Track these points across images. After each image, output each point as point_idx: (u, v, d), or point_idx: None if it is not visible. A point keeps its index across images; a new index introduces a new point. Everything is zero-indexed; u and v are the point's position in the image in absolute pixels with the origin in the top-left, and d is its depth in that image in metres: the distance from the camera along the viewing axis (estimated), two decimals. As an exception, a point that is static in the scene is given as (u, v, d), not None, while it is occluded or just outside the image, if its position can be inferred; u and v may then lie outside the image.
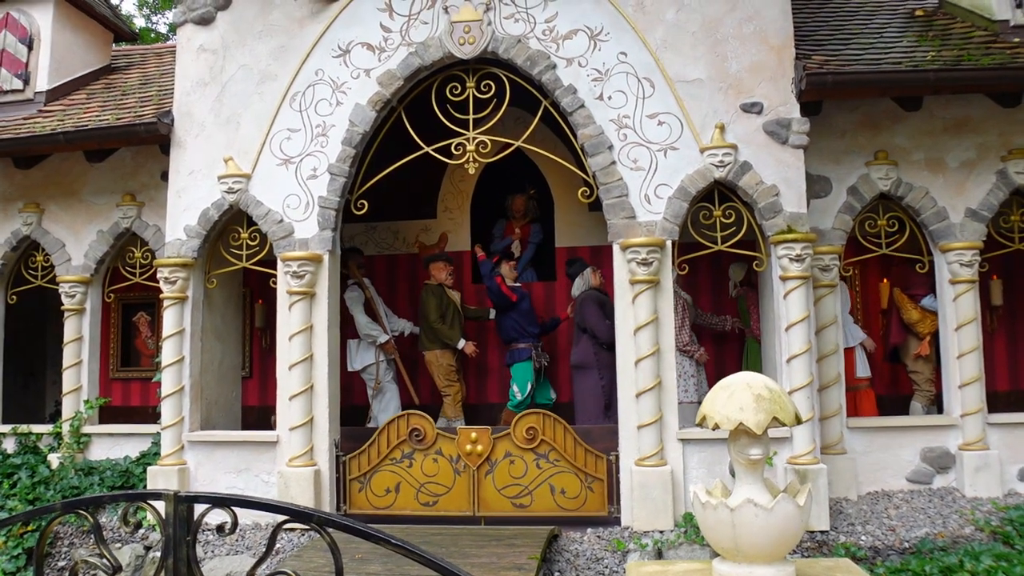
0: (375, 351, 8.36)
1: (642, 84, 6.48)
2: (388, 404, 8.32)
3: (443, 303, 8.22)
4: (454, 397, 8.14)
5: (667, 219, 6.36)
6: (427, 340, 8.22)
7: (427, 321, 8.17)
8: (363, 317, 8.30)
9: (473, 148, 6.72)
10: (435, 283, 8.31)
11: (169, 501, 2.69)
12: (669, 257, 6.36)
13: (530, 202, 9.43)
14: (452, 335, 8.13)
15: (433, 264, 8.41)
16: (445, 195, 9.52)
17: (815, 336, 6.47)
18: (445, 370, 8.16)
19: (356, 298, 8.37)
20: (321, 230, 6.81)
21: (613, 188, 6.43)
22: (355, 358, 8.44)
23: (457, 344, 8.15)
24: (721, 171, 6.33)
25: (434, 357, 8.19)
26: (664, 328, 6.31)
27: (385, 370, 8.41)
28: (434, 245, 9.34)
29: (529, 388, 8.04)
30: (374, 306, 8.49)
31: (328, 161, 6.84)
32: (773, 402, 2.80)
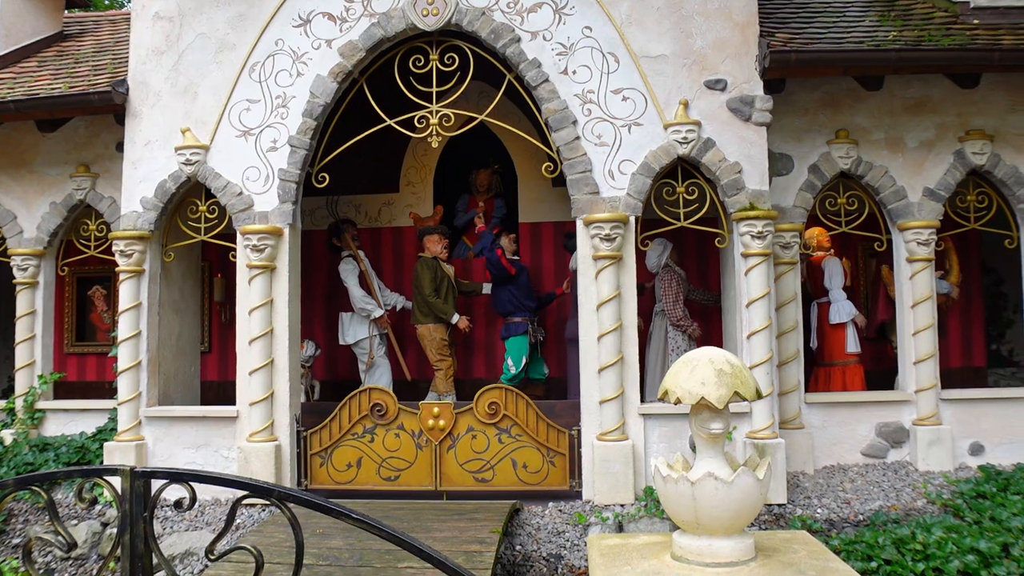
0: (368, 325, 8.30)
1: (607, 59, 6.46)
2: (380, 379, 8.26)
3: (437, 277, 8.11)
4: (446, 372, 8.05)
5: (631, 195, 6.37)
6: (420, 314, 8.11)
7: (421, 295, 8.05)
8: (358, 290, 8.23)
9: (436, 121, 6.66)
10: (429, 256, 8.18)
11: (125, 476, 2.65)
12: (633, 233, 6.37)
13: (494, 177, 9.39)
14: (446, 309, 8.03)
15: (428, 237, 8.27)
16: (408, 169, 9.45)
17: (775, 312, 6.55)
18: (438, 344, 8.05)
19: (351, 270, 8.29)
20: (281, 203, 6.73)
21: (577, 163, 6.42)
22: (347, 331, 8.38)
23: (451, 318, 8.06)
24: (685, 148, 6.35)
25: (427, 331, 8.08)
26: (626, 304, 6.34)
27: (378, 344, 8.35)
28: (429, 218, 9.22)
29: (523, 362, 7.99)
30: (368, 279, 8.41)
31: (288, 133, 6.75)
32: (735, 377, 2.83)
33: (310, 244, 8.59)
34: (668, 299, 7.66)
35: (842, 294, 7.73)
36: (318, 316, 9.33)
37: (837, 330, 7.66)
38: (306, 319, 9.24)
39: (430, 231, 8.34)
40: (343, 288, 8.40)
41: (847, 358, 7.64)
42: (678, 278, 7.63)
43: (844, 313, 7.65)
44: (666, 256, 7.75)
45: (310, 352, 8.52)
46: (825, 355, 7.77)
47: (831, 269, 7.79)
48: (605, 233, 6.27)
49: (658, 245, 7.83)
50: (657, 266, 7.94)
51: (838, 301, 7.68)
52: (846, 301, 7.72)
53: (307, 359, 8.50)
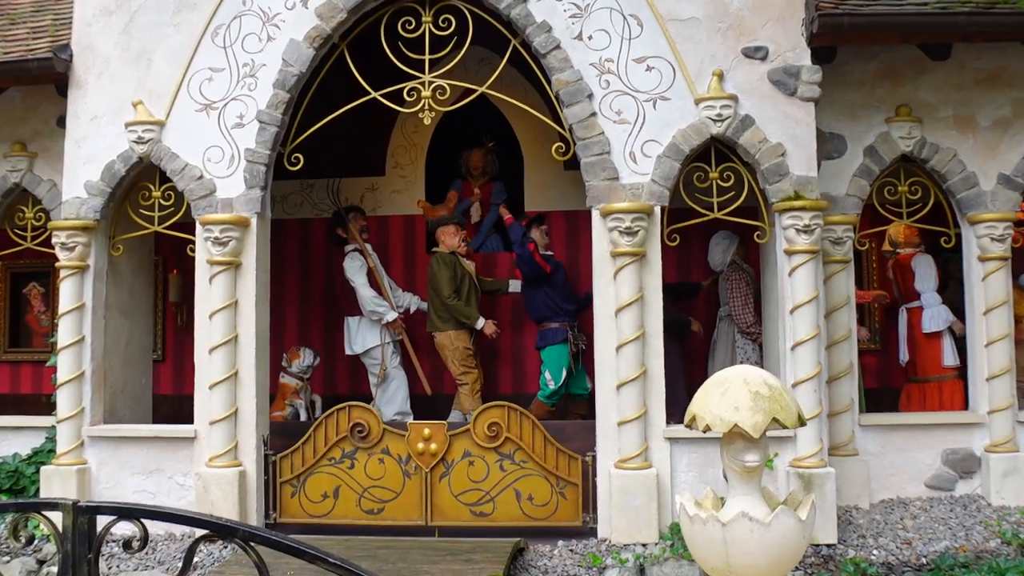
0: (380, 331, 8.28)
1: (628, 22, 6.48)
2: (395, 394, 8.28)
3: (457, 275, 8.08)
4: (472, 386, 8.00)
5: (656, 181, 6.39)
6: (438, 319, 8.08)
7: (439, 297, 8.03)
8: (368, 290, 8.20)
9: (429, 94, 6.68)
10: (446, 251, 8.17)
11: (67, 512, 2.67)
12: (657, 226, 6.39)
13: (488, 157, 9.38)
14: (469, 313, 8.01)
15: (442, 229, 8.25)
16: (395, 149, 9.48)
17: (824, 320, 6.56)
18: (461, 354, 8.03)
19: (358, 267, 8.27)
20: (248, 188, 6.76)
21: (593, 144, 6.44)
22: (355, 338, 8.38)
23: (475, 323, 8.02)
24: (719, 126, 6.36)
25: (447, 339, 8.05)
26: (650, 308, 6.35)
27: (392, 353, 8.33)
28: (441, 205, 9.21)
29: (564, 375, 7.91)
30: (377, 277, 8.39)
31: (257, 107, 6.77)
32: (773, 401, 2.84)
33: (281, 236, 8.62)
34: (736, 302, 7.67)
35: (936, 297, 7.64)
36: (316, 320, 9.41)
37: (931, 340, 7.60)
38: (302, 323, 9.38)
39: (444, 221, 8.32)
40: (345, 287, 8.41)
41: (944, 372, 7.56)
42: (747, 277, 7.65)
43: (940, 320, 7.56)
44: (732, 252, 7.73)
45: (308, 361, 8.55)
46: (918, 370, 7.71)
47: (923, 268, 7.71)
48: (625, 226, 6.28)
49: (723, 239, 7.85)
50: (722, 263, 7.97)
51: (932, 306, 7.59)
52: (941, 306, 7.61)
53: (305, 369, 8.54)
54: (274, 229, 7.20)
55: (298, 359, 8.51)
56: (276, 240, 7.33)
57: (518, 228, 8.23)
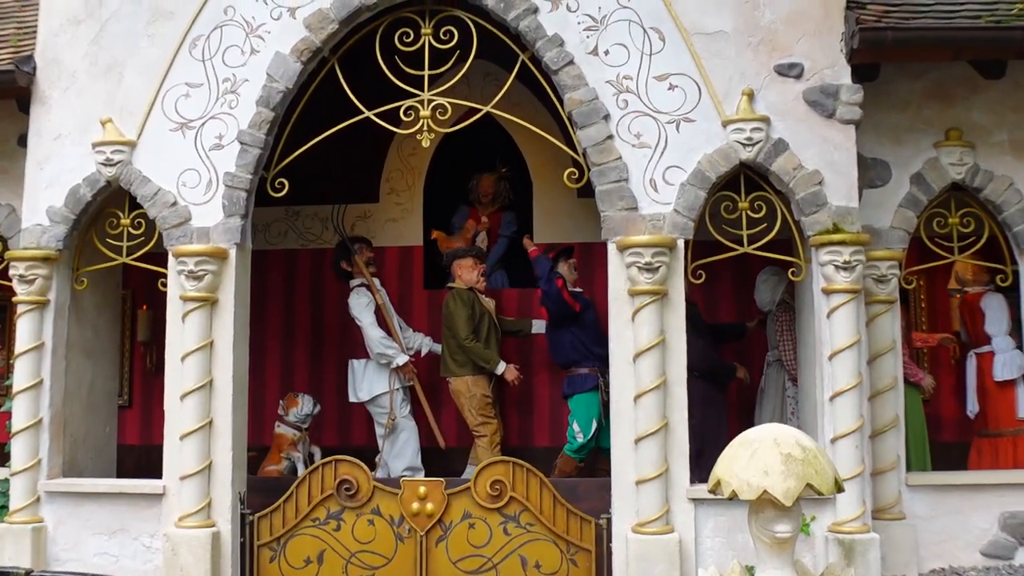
0: (389, 376, 8.28)
1: (649, 36, 6.52)
2: (404, 447, 8.26)
3: (476, 314, 8.10)
4: (491, 438, 7.97)
5: (679, 212, 6.40)
6: (454, 364, 8.09)
7: (455, 338, 8.05)
8: (376, 330, 8.21)
9: (428, 113, 6.71)
10: (463, 287, 8.20)
11: (18, 580, 2.66)
12: (680, 261, 6.40)
13: (501, 183, 9.44)
14: (489, 356, 8.02)
15: (459, 262, 8.30)
16: (391, 173, 9.52)
17: (867, 367, 6.54)
18: (479, 403, 8.01)
19: (365, 305, 8.29)
20: (227, 216, 6.78)
21: (609, 170, 6.46)
22: (361, 384, 8.39)
23: (496, 368, 8.02)
24: (749, 151, 6.38)
25: (464, 386, 8.04)
26: (673, 353, 6.35)
27: (402, 401, 8.34)
28: (457, 236, 9.25)
29: (594, 427, 7.86)
30: (386, 315, 8.41)
31: (238, 126, 6.81)
32: (807, 464, 2.82)
33: (263, 269, 8.63)
34: (786, 345, 7.66)
35: (1009, 342, 7.61)
36: (301, 363, 9.41)
37: (1004, 389, 7.56)
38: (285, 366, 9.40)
39: (462, 254, 8.37)
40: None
41: (1019, 425, 7.50)
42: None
43: (1013, 367, 7.53)
44: (782, 290, 7.72)
45: (308, 409, 8.52)
46: (989, 422, 7.66)
47: (994, 310, 7.68)
48: (645, 261, 6.28)
49: (771, 275, 7.85)
50: (771, 302, 7.96)
51: (1004, 351, 7.56)
52: (1015, 351, 7.58)
53: (304, 418, 8.52)
54: (255, 261, 7.22)
55: (296, 407, 8.49)
56: (257, 273, 7.34)
57: (544, 262, 8.21)
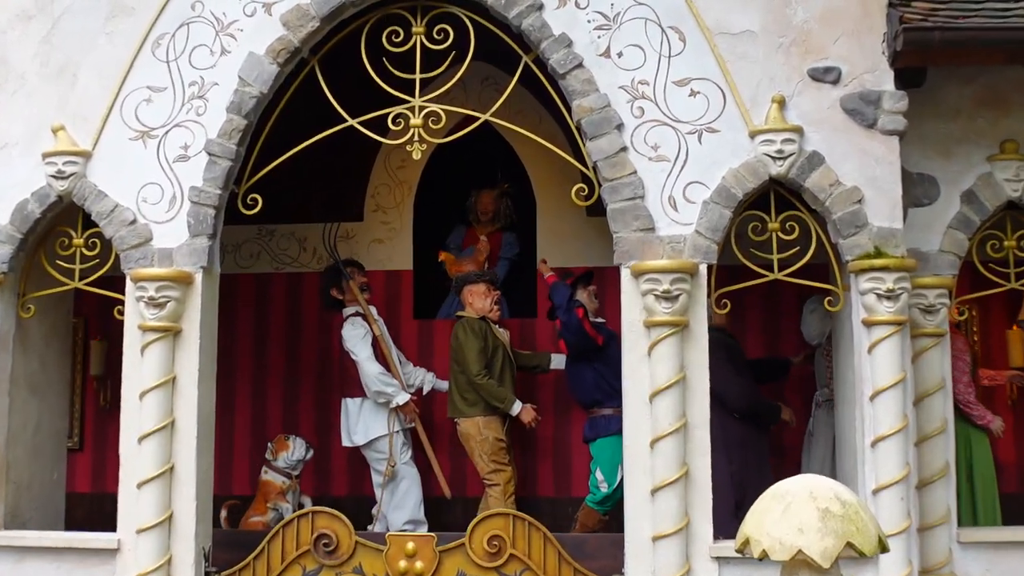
0: (388, 417, 8.26)
1: (667, 36, 6.52)
2: (405, 498, 8.24)
3: (488, 347, 8.10)
4: (504, 487, 7.94)
5: (701, 233, 6.39)
6: (463, 402, 8.07)
7: (465, 374, 8.03)
8: (373, 365, 8.19)
9: (420, 121, 6.70)
10: (475, 316, 8.20)
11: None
12: (703, 289, 6.37)
13: (502, 201, 9.48)
14: (503, 395, 8.00)
15: (471, 288, 8.31)
16: (377, 188, 9.54)
17: (913, 408, 6.52)
18: (491, 447, 7.98)
19: (361, 336, 8.29)
20: (193, 236, 6.77)
21: (622, 186, 6.45)
22: (356, 426, 8.36)
23: (510, 408, 8.02)
24: (780, 165, 6.37)
25: (474, 428, 8.02)
26: (694, 393, 6.32)
27: (402, 446, 8.32)
28: (467, 259, 9.23)
29: (620, 475, 7.78)
30: (384, 348, 8.41)
31: (207, 135, 6.80)
32: (847, 521, 2.79)
33: (232, 295, 8.62)
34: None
35: None
36: (273, 401, 9.42)
37: None
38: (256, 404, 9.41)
39: (473, 279, 8.38)
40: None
41: None
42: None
43: None
44: (831, 322, 7.74)
45: (299, 455, 8.48)
46: None
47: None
48: (663, 289, 6.26)
49: (819, 306, 7.80)
50: (820, 335, 7.97)
51: None
52: None
53: (295, 464, 8.49)
54: (224, 287, 7.20)
55: (286, 451, 8.45)
56: (226, 300, 7.32)
57: (563, 289, 8.19)
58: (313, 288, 9.31)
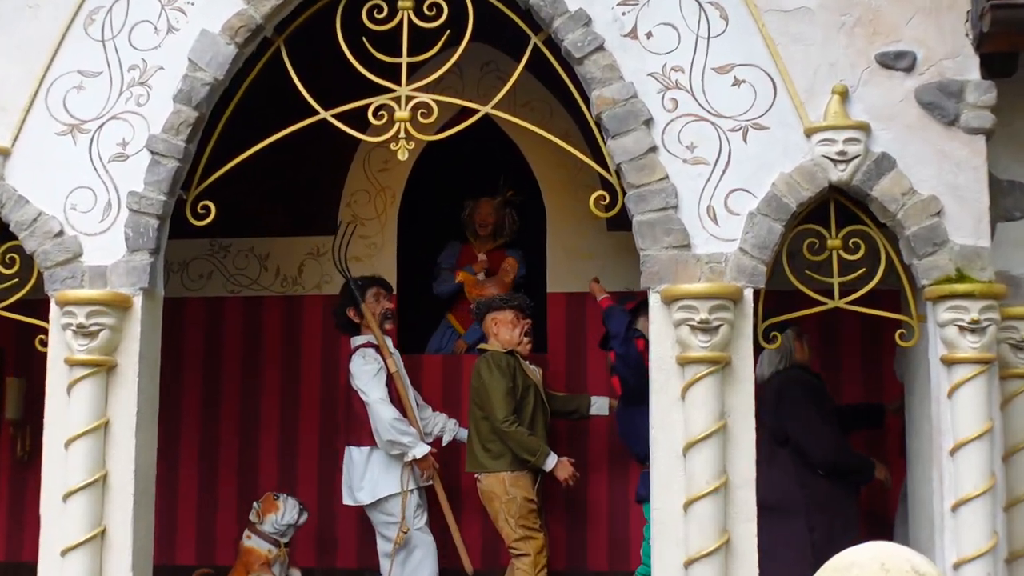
0: (401, 472, 8.20)
1: (706, 13, 6.47)
2: (418, 570, 8.21)
3: (518, 387, 8.04)
4: (535, 558, 7.86)
5: (746, 251, 6.32)
6: (486, 455, 8.02)
7: (489, 420, 7.98)
8: (388, 409, 8.12)
9: (407, 115, 6.63)
10: (500, 350, 8.16)
11: None
12: (748, 319, 6.29)
13: (505, 211, 9.49)
14: (535, 446, 7.91)
15: (496, 315, 8.25)
16: (354, 195, 9.57)
17: (1002, 464, 6.45)
18: (519, 509, 7.90)
19: (374, 373, 8.23)
20: (132, 252, 6.70)
21: (652, 194, 6.38)
22: (360, 481, 8.31)
23: (544, 463, 7.93)
24: (842, 169, 6.30)
25: (500, 486, 7.96)
26: (738, 443, 6.22)
27: (417, 508, 8.27)
28: (490, 281, 9.20)
29: None
30: (400, 388, 8.35)
31: (149, 130, 6.75)
32: (926, 599, 2.75)
33: (178, 323, 8.59)
34: None
35: None
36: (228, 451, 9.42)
37: None
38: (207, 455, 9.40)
39: (499, 304, 8.31)
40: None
41: None
42: None
43: None
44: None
45: (290, 518, 8.41)
46: None
47: None
48: (701, 319, 6.17)
49: None
50: None
51: None
52: None
53: (284, 529, 8.44)
54: (169, 313, 7.15)
55: (275, 512, 8.40)
56: (171, 329, 7.29)
57: (620, 316, 8.10)
58: (276, 313, 9.29)
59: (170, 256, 7.11)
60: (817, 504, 7.35)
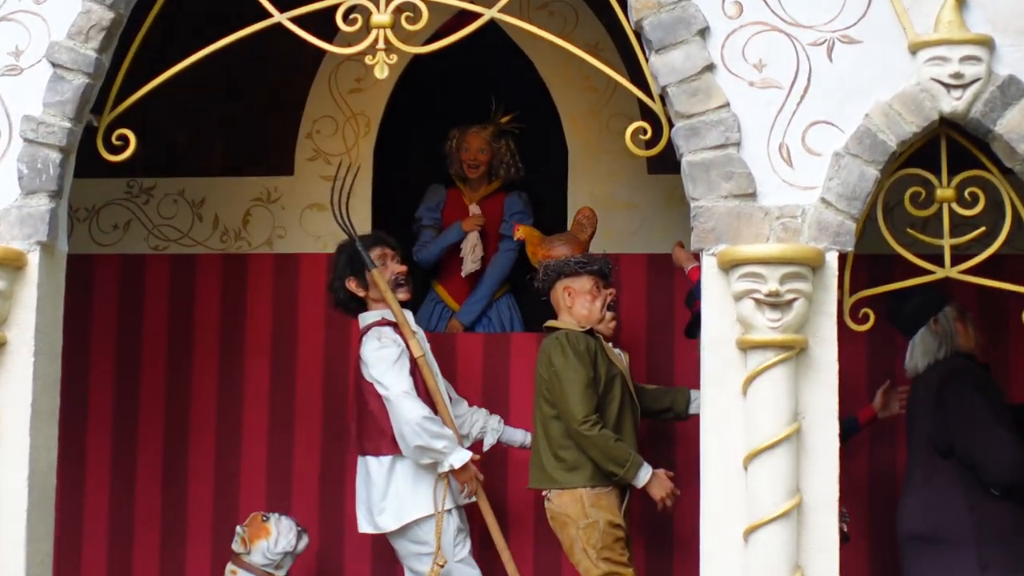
0: (435, 487, 8.14)
1: None
2: None
3: (600, 377, 7.95)
4: None
5: (830, 203, 6.27)
6: (556, 467, 7.91)
7: (562, 420, 7.89)
8: (415, 405, 7.97)
9: (388, 19, 6.56)
10: (577, 329, 8.11)
11: None
12: (832, 291, 6.27)
13: (499, 144, 9.54)
14: (623, 455, 7.76)
15: (568, 282, 8.11)
16: (317, 124, 9.58)
17: None
18: (602, 537, 7.76)
19: (395, 359, 8.13)
20: (26, 194, 6.67)
21: (707, 126, 6.34)
22: (381, 501, 8.22)
23: (636, 477, 7.84)
24: (956, 98, 6.24)
25: (576, 507, 7.84)
26: (815, 452, 6.22)
27: (457, 533, 8.20)
28: (565, 235, 9.03)
29: None
30: (427, 377, 8.28)
31: (50, 35, 6.73)
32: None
33: (87, 287, 8.59)
34: None
35: None
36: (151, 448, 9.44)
37: None
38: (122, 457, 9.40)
39: (575, 268, 8.20)
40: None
41: None
42: None
43: None
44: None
45: (286, 544, 8.37)
46: None
47: None
48: (769, 290, 6.12)
49: None
50: None
51: None
52: None
53: (278, 558, 8.42)
54: (76, 273, 7.17)
55: (266, 538, 8.36)
56: (78, 294, 7.28)
57: None
58: (212, 279, 9.30)
59: (76, 201, 7.11)
60: (992, 534, 7.24)
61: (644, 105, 6.64)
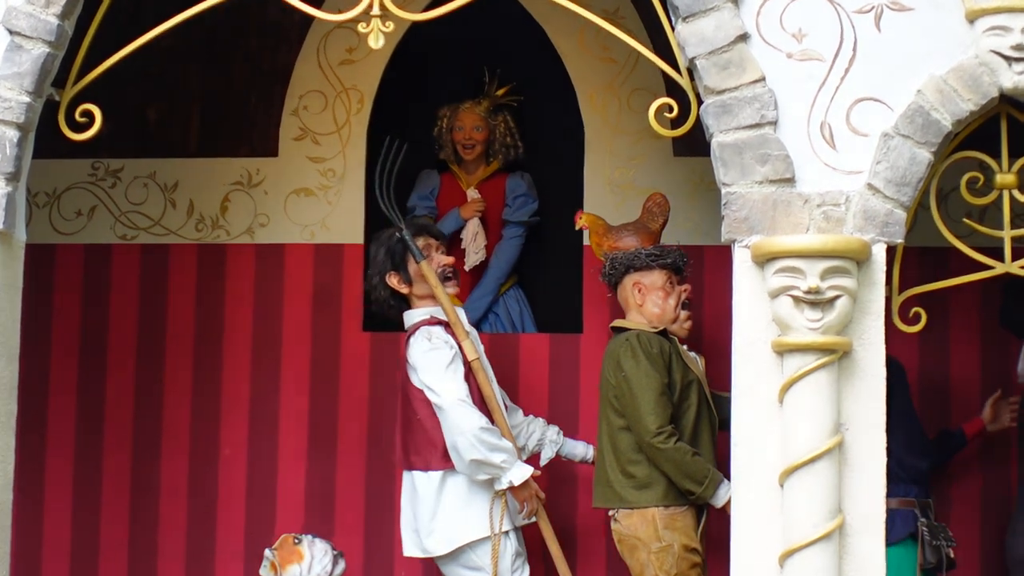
0: (493, 506, 8.09)
1: None
2: None
3: (675, 384, 7.92)
4: None
5: (877, 189, 6.26)
6: (624, 484, 7.87)
7: (633, 431, 7.86)
8: (471, 413, 7.88)
9: (384, -18, 6.63)
10: (649, 329, 8.10)
11: None
12: (880, 287, 6.26)
13: (498, 119, 9.60)
14: (702, 471, 7.73)
15: (638, 277, 8.12)
16: (304, 99, 9.58)
17: None
18: (676, 562, 7.73)
19: (447, 363, 8.04)
20: (-20, 178, 6.70)
21: (740, 104, 6.33)
22: (431, 520, 8.15)
23: (715, 496, 7.78)
24: (1018, 71, 6.24)
25: (647, 528, 7.80)
26: (859, 467, 6.23)
27: (515, 557, 8.15)
28: (634, 224, 8.90)
29: None
30: (483, 383, 8.18)
31: (6, 1, 6.73)
32: None
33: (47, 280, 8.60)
34: None
35: None
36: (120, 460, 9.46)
37: None
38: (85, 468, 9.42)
39: (646, 261, 8.20)
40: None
41: None
42: None
43: None
44: None
45: (322, 568, 8.32)
46: None
47: None
48: (809, 287, 6.11)
49: None
50: None
51: None
52: None
53: None
54: (35, 264, 7.17)
55: (298, 561, 8.31)
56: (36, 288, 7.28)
57: None
58: (186, 272, 9.31)
59: (36, 184, 7.09)
60: None
61: (669, 79, 6.65)
